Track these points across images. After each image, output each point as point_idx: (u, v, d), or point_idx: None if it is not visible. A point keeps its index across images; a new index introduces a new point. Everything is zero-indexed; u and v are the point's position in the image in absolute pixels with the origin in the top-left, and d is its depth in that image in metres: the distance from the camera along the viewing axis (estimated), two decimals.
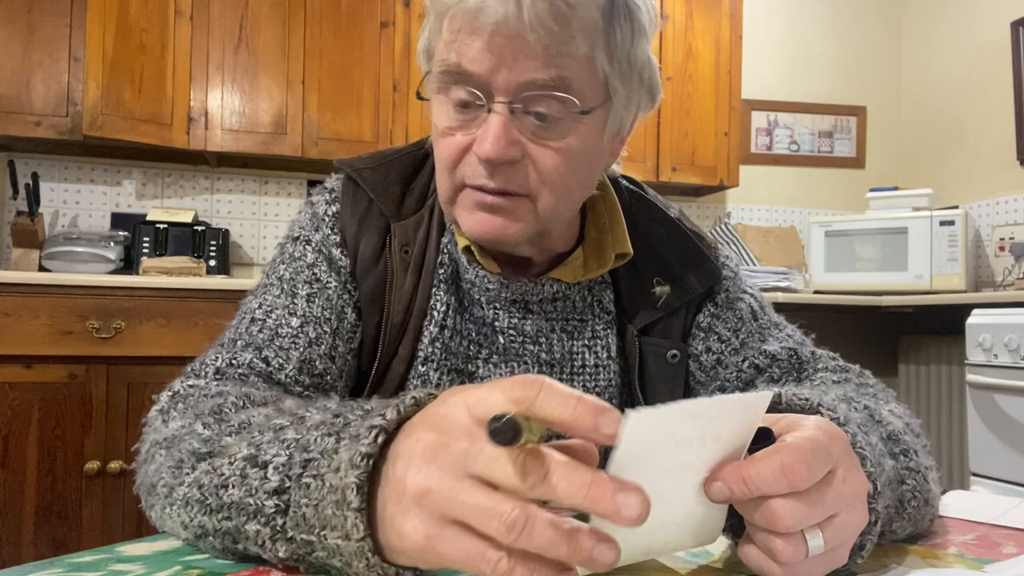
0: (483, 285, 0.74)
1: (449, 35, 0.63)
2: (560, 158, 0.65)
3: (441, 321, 0.74)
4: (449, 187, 0.68)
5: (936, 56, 3.49)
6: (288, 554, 0.42)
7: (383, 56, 2.75)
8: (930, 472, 0.55)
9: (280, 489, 0.42)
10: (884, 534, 0.49)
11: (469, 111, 0.65)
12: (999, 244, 3.12)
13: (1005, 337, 2.28)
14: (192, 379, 0.65)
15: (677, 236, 0.82)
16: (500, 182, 0.65)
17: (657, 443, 0.39)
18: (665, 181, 3.04)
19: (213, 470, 0.47)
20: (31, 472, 2.12)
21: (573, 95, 0.63)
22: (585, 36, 0.62)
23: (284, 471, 0.43)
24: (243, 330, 0.70)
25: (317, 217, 0.77)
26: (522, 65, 0.61)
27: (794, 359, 0.76)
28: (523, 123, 0.64)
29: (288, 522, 0.42)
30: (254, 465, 0.44)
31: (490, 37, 0.61)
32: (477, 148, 0.64)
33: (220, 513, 0.45)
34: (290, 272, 0.74)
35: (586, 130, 0.66)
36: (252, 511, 0.43)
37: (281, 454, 0.44)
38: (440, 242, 0.76)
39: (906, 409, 0.64)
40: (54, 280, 2.18)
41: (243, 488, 0.44)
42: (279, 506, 0.42)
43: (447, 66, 0.63)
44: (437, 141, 0.68)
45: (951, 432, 3.05)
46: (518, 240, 0.69)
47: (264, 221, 3.02)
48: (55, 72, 2.48)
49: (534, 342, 0.76)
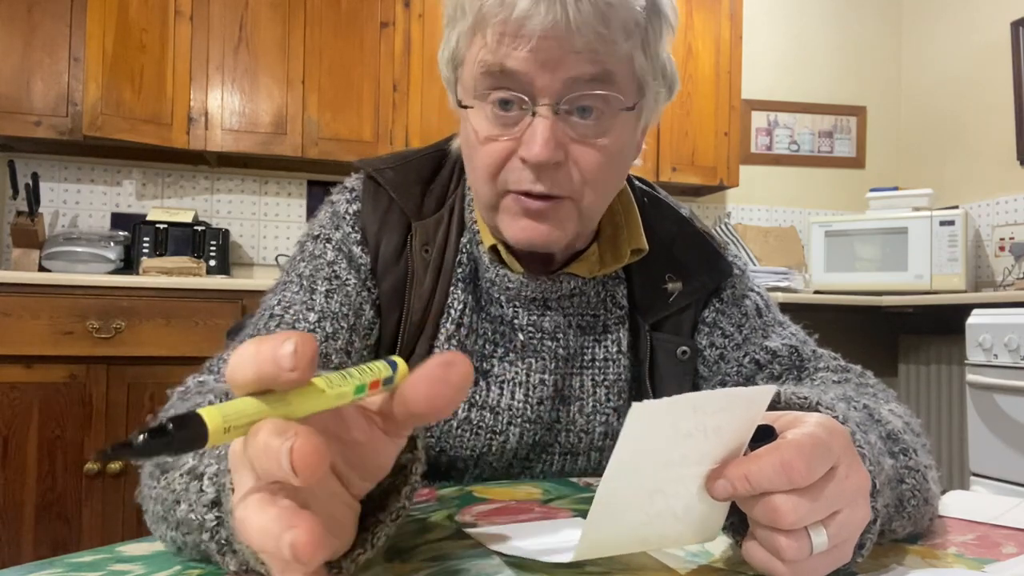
0: (503, 284, 0.75)
1: (492, 42, 0.63)
2: (601, 156, 0.66)
3: (458, 319, 0.75)
4: (491, 194, 0.68)
5: (936, 56, 3.49)
6: (237, 566, 0.41)
7: (383, 56, 2.75)
8: (929, 471, 0.55)
9: (216, 500, 0.40)
10: (884, 533, 0.49)
11: (510, 116, 0.65)
12: (999, 244, 3.12)
13: (1005, 337, 2.28)
14: (204, 374, 0.65)
15: (689, 234, 0.83)
16: (546, 185, 0.65)
17: (659, 434, 0.39)
18: (665, 181, 3.04)
19: (167, 484, 0.45)
20: (31, 472, 2.12)
21: (617, 91, 0.64)
22: (627, 35, 0.63)
23: (216, 481, 0.41)
24: (261, 326, 0.71)
25: (338, 215, 0.78)
26: (566, 66, 0.62)
27: (795, 356, 0.77)
28: (565, 125, 0.64)
29: (227, 533, 0.40)
30: (194, 478, 0.43)
31: (538, 42, 0.61)
32: (525, 152, 0.64)
33: (180, 529, 0.44)
34: (310, 269, 0.75)
35: (623, 127, 0.67)
36: (197, 525, 0.42)
37: (212, 464, 0.42)
38: (459, 242, 0.77)
39: (906, 409, 0.64)
40: (54, 280, 2.18)
41: (187, 503, 0.42)
42: (219, 518, 0.40)
43: (489, 67, 0.63)
44: (476, 149, 0.68)
45: (951, 432, 3.05)
46: (563, 244, 0.71)
47: (264, 221, 3.02)
48: (55, 72, 2.48)
49: (552, 338, 0.77)
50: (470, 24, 0.65)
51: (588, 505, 0.41)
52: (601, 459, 0.80)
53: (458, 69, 0.69)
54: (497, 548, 0.48)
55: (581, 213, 0.69)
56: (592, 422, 0.78)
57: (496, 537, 0.51)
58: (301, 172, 3.02)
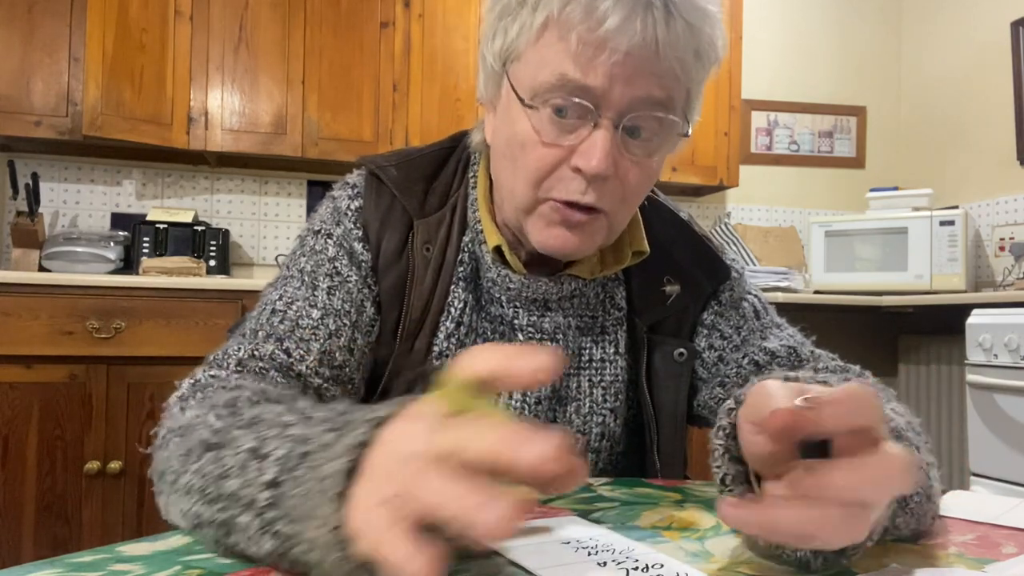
0: (505, 284, 0.75)
1: (574, 48, 0.61)
2: (644, 176, 0.67)
3: (458, 318, 0.75)
4: (531, 197, 0.68)
5: (936, 56, 3.49)
6: (271, 548, 0.42)
7: (383, 56, 2.75)
8: (932, 469, 0.55)
9: (275, 482, 0.42)
10: (888, 529, 0.49)
11: (567, 121, 0.64)
12: (999, 244, 3.12)
13: (1005, 337, 2.28)
14: (214, 369, 0.65)
15: (687, 237, 0.84)
16: (594, 198, 0.65)
17: None
18: (665, 181, 3.04)
19: (217, 460, 0.47)
20: (31, 472, 2.12)
21: (676, 117, 0.66)
22: (700, 66, 0.65)
23: (281, 464, 0.42)
24: (264, 321, 0.71)
25: (339, 211, 0.77)
26: (639, 83, 0.62)
27: (794, 357, 0.77)
28: (621, 141, 0.65)
29: (276, 514, 0.41)
30: (255, 457, 0.44)
31: (623, 57, 0.61)
32: (583, 163, 0.64)
33: (217, 504, 0.45)
34: (311, 265, 0.75)
35: (665, 151, 0.69)
36: (246, 502, 0.43)
37: (281, 447, 0.43)
38: (461, 240, 0.77)
39: (906, 408, 0.65)
40: (54, 280, 2.18)
41: (241, 479, 0.44)
42: (271, 500, 0.42)
43: (563, 79, 0.63)
44: (525, 148, 0.67)
45: (951, 432, 3.05)
46: (587, 255, 0.72)
47: (264, 221, 3.02)
48: (55, 72, 2.48)
49: (552, 339, 0.77)
50: (541, 21, 0.63)
51: (587, 505, 0.41)
52: (598, 460, 0.80)
53: (511, 63, 0.68)
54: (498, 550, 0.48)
55: (611, 227, 0.70)
56: (589, 423, 0.79)
57: None
58: (301, 172, 3.02)
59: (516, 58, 0.67)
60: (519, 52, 0.66)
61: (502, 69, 0.69)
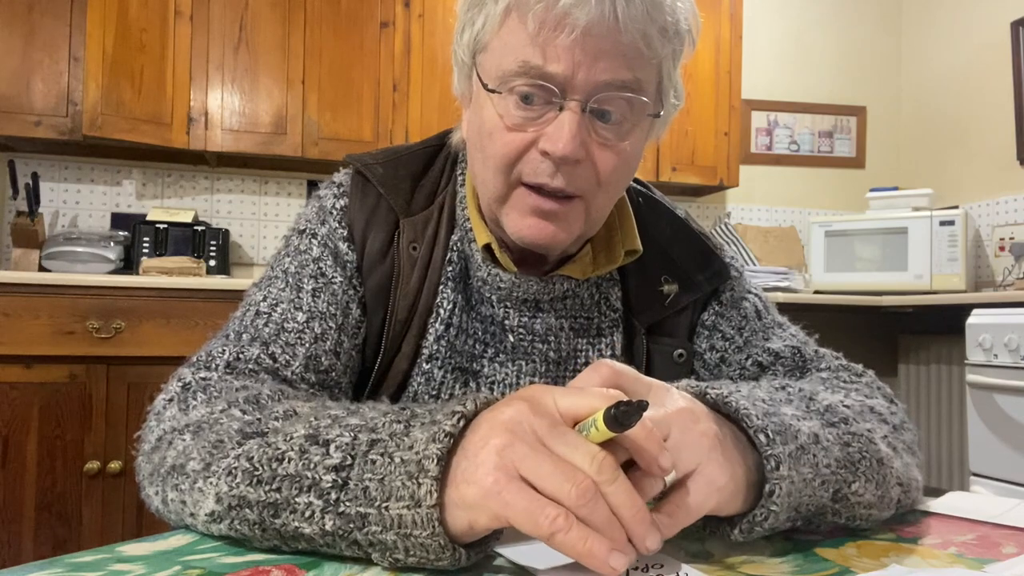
0: (495, 284, 0.73)
1: (533, 30, 0.60)
2: (619, 160, 0.65)
3: (447, 319, 0.74)
4: (502, 185, 0.67)
5: (936, 56, 3.49)
6: (334, 528, 0.44)
7: (383, 56, 2.75)
8: (875, 434, 0.58)
9: (341, 466, 0.45)
10: (847, 496, 0.52)
11: (533, 107, 0.63)
12: (999, 244, 3.12)
13: (1005, 337, 2.28)
14: (203, 371, 0.64)
15: (685, 236, 0.82)
16: (562, 181, 0.64)
17: None
18: (665, 181, 3.04)
19: (267, 445, 0.49)
20: (31, 472, 2.12)
21: (646, 97, 0.64)
22: (667, 42, 0.63)
23: (347, 450, 0.46)
24: (248, 323, 0.69)
25: (324, 210, 0.76)
26: (604, 65, 0.61)
27: (798, 357, 0.76)
28: (590, 124, 0.63)
29: (344, 496, 0.44)
30: (314, 443, 0.47)
31: (581, 35, 0.59)
32: (549, 146, 0.62)
33: (269, 485, 0.47)
34: (295, 265, 0.73)
35: (641, 134, 0.67)
36: (307, 484, 0.45)
37: (345, 435, 0.47)
38: (449, 240, 0.75)
39: (887, 404, 0.66)
40: (54, 280, 2.17)
41: (301, 463, 0.46)
42: (336, 481, 0.45)
43: (526, 66, 0.62)
44: (492, 136, 0.65)
45: (951, 432, 3.05)
46: (566, 245, 0.70)
47: (264, 221, 3.02)
48: (55, 72, 2.48)
49: (543, 340, 0.76)
50: (503, 8, 0.63)
51: None
52: None
53: (479, 54, 0.67)
54: (499, 550, 0.48)
55: (589, 215, 0.68)
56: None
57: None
58: (301, 172, 3.02)
59: (483, 48, 0.66)
60: (485, 42, 0.66)
61: (472, 61, 0.68)
